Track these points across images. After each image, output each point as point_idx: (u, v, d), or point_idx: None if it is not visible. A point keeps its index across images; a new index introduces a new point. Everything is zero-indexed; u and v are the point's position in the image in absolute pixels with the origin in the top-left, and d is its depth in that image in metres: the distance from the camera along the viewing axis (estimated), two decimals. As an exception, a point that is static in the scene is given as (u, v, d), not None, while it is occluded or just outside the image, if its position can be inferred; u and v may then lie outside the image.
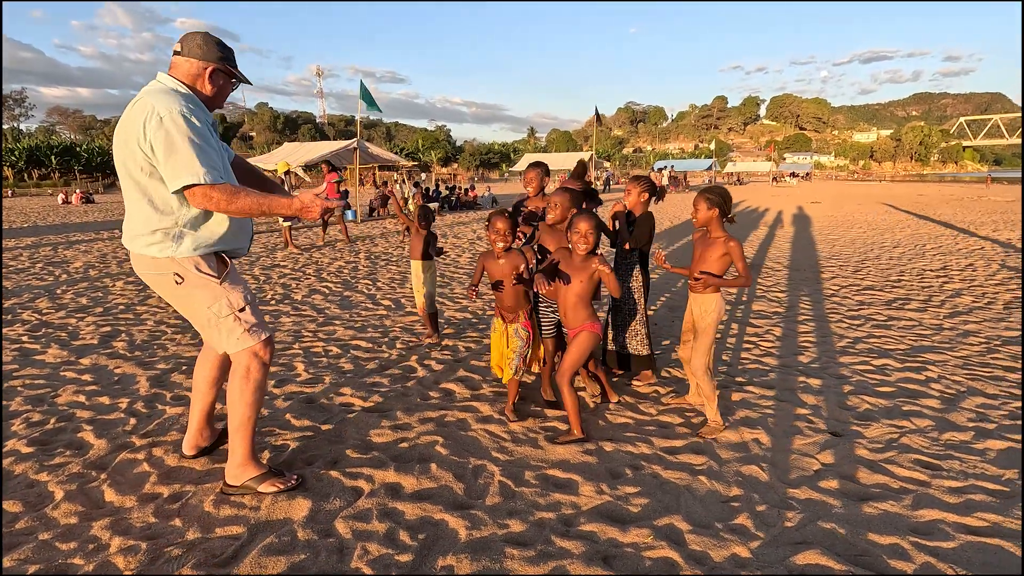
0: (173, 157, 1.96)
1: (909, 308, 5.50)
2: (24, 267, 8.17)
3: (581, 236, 2.71)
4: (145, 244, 2.11)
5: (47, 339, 4.55)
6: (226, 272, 2.22)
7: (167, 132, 1.95)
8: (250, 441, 2.33)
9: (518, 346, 2.97)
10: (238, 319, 2.22)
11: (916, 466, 2.59)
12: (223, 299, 2.19)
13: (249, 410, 2.30)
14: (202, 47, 2.14)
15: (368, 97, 13.90)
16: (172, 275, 2.14)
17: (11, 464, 2.57)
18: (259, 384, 2.31)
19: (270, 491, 2.30)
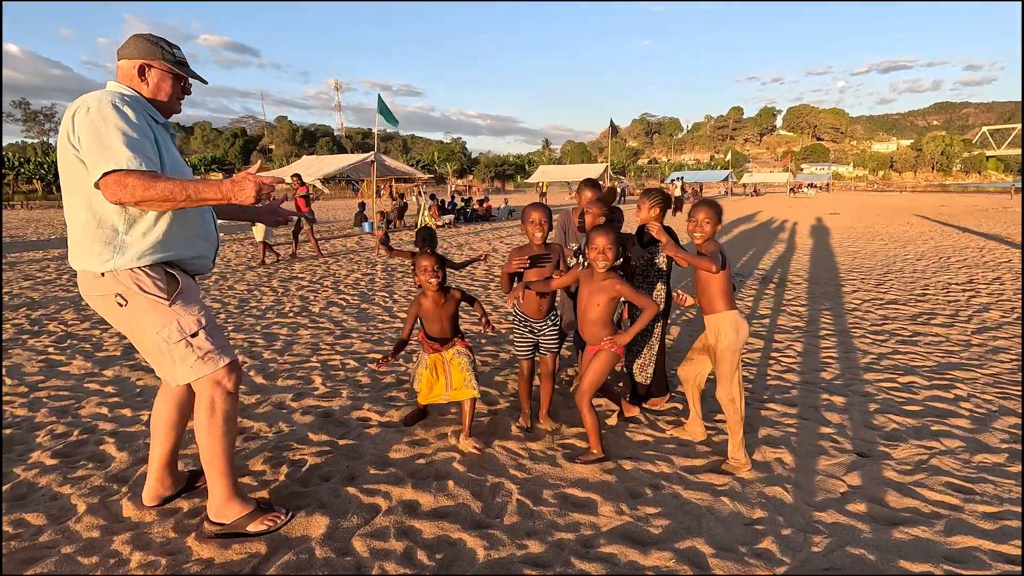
0: (96, 144, 1.77)
1: (935, 323, 5.37)
2: (51, 279, 8.36)
3: (599, 252, 2.62)
4: (84, 256, 1.93)
5: (72, 350, 4.64)
6: (177, 291, 2.00)
7: (92, 121, 1.80)
8: (229, 476, 2.13)
9: (466, 364, 2.90)
10: (190, 345, 2.00)
11: (948, 489, 2.50)
12: (173, 323, 1.98)
13: (220, 446, 2.09)
14: (133, 46, 2.03)
15: (386, 111, 14.07)
16: (115, 296, 1.94)
17: (36, 476, 2.61)
18: (227, 416, 2.09)
19: (259, 530, 2.13)
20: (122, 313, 1.97)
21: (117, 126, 1.80)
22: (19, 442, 2.99)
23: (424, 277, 2.83)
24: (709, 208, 2.69)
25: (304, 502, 2.40)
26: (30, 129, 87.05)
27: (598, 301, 2.69)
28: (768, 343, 4.78)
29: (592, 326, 2.73)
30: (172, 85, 2.10)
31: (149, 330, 1.98)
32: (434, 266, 2.84)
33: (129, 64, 2.03)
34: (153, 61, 2.04)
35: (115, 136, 1.78)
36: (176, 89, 2.12)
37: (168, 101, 2.10)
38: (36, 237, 15.52)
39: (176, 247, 2.02)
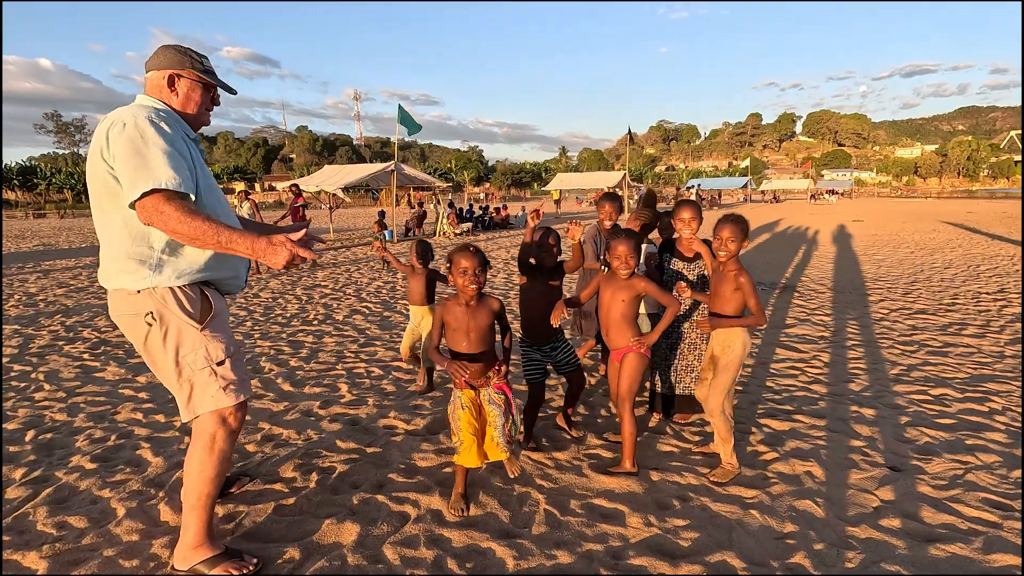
0: (133, 162, 1.70)
1: (966, 334, 5.26)
2: (83, 286, 8.61)
3: (622, 261, 2.62)
4: (118, 273, 1.86)
5: (106, 356, 4.77)
6: (210, 317, 1.94)
7: (129, 137, 1.73)
8: (207, 520, 2.00)
9: (497, 418, 2.39)
10: (214, 373, 1.92)
11: (985, 505, 2.45)
12: (201, 349, 1.90)
13: (209, 486, 1.97)
14: (162, 56, 1.97)
15: (407, 119, 14.26)
16: (146, 315, 1.86)
17: (76, 480, 2.69)
18: (224, 456, 1.98)
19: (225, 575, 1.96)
20: (151, 334, 1.88)
21: (156, 143, 1.74)
22: (60, 446, 3.09)
23: (463, 281, 2.37)
24: (734, 225, 2.64)
25: (334, 509, 2.44)
26: (61, 140, 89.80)
27: (622, 297, 2.67)
28: (794, 353, 4.72)
29: (616, 327, 2.70)
30: (202, 95, 2.04)
31: (172, 353, 1.89)
32: (476, 268, 2.36)
33: (158, 75, 1.97)
34: (183, 71, 1.98)
35: (155, 154, 1.72)
36: (205, 99, 2.06)
37: (198, 112, 2.05)
38: (68, 245, 16.00)
39: (213, 267, 1.95)
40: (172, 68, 1.97)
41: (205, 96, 2.06)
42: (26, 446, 3.08)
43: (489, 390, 2.43)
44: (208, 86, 2.06)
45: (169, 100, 1.98)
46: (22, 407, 3.64)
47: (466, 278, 2.36)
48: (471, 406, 2.38)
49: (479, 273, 2.36)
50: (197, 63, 2.02)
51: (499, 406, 2.40)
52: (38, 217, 38.29)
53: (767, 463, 2.86)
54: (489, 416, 2.40)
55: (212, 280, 1.99)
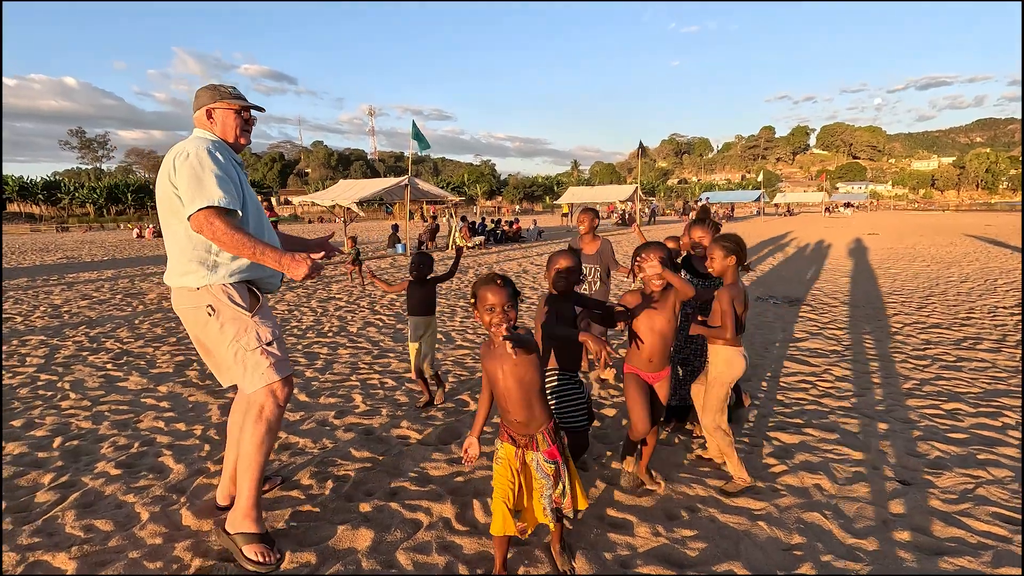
0: (193, 184, 2.05)
1: (981, 348, 5.21)
2: (106, 298, 8.83)
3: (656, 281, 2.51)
4: (182, 274, 2.18)
5: (128, 367, 4.91)
6: (258, 306, 2.26)
7: (191, 164, 2.07)
8: (255, 490, 2.23)
9: (545, 488, 1.99)
10: (265, 352, 2.22)
11: (995, 520, 2.45)
12: (252, 331, 2.21)
13: (257, 453, 2.21)
14: (199, 97, 2.32)
15: (419, 136, 14.51)
16: (206, 307, 2.19)
17: (102, 485, 2.79)
18: (271, 426, 2.24)
19: (250, 557, 2.14)
20: (210, 322, 2.19)
21: (211, 169, 2.08)
22: (85, 452, 3.20)
23: (489, 319, 1.90)
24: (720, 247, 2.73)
25: (349, 516, 2.50)
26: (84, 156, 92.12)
27: (666, 317, 2.53)
28: (805, 367, 4.72)
29: (661, 352, 2.56)
30: (235, 119, 2.33)
31: (229, 337, 2.19)
32: (504, 303, 1.89)
33: (200, 112, 2.32)
34: (214, 103, 2.30)
35: (209, 177, 2.06)
36: (239, 122, 2.35)
37: (235, 136, 2.35)
38: (90, 259, 16.39)
39: (256, 269, 2.26)
40: (206, 104, 2.31)
41: (237, 120, 2.35)
42: (54, 452, 3.19)
43: (539, 455, 1.97)
44: (238, 110, 2.34)
45: (212, 130, 2.33)
46: (49, 415, 3.77)
47: (493, 315, 1.90)
48: (509, 460, 1.99)
49: (509, 309, 1.91)
50: (225, 93, 2.33)
51: (549, 477, 1.98)
52: (61, 231, 39.22)
53: (776, 475, 2.87)
54: (536, 483, 2.01)
55: (254, 279, 2.30)
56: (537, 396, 1.96)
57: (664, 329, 2.53)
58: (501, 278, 1.95)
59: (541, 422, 1.98)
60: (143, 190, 56.33)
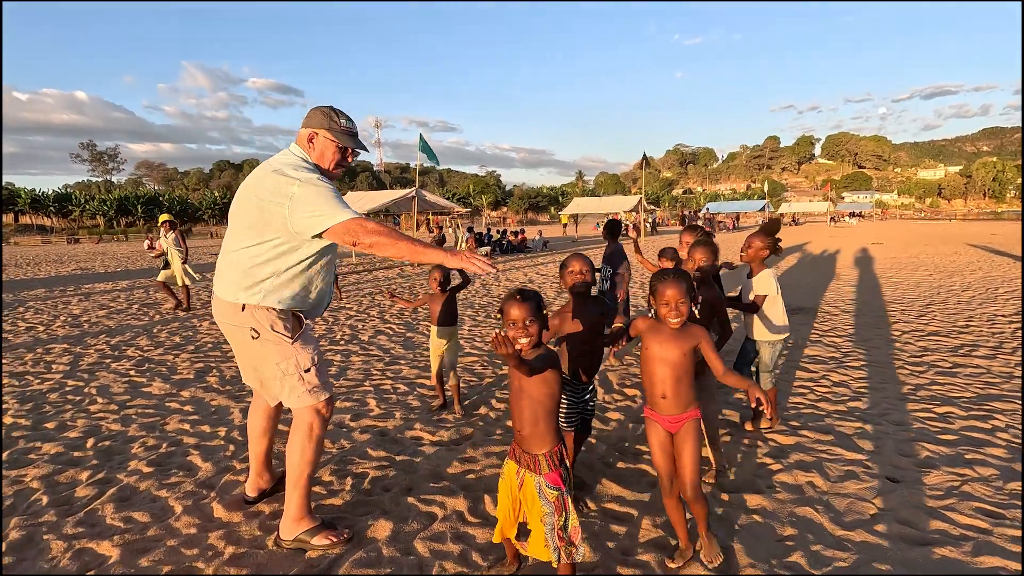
0: (323, 202, 2.12)
1: (977, 355, 5.34)
2: (123, 308, 9.08)
3: (671, 308, 2.12)
4: (234, 289, 2.25)
5: (151, 373, 5.11)
6: (300, 332, 2.32)
7: (314, 187, 2.15)
8: (306, 497, 2.39)
9: (546, 516, 1.93)
10: (302, 379, 2.30)
11: (978, 514, 2.59)
12: (292, 358, 2.29)
13: (308, 467, 2.36)
14: (311, 116, 2.36)
15: (427, 149, 14.81)
16: (249, 330, 2.25)
17: (136, 481, 2.98)
18: (319, 441, 2.38)
19: (323, 543, 2.32)
20: (252, 344, 2.29)
21: (330, 191, 2.18)
22: (117, 452, 3.39)
23: (513, 334, 1.93)
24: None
25: (368, 509, 2.68)
26: (95, 169, 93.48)
27: (681, 351, 2.15)
28: (804, 373, 4.87)
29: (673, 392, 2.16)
30: (334, 152, 2.38)
31: (271, 360, 2.30)
32: (526, 318, 1.91)
33: (304, 132, 2.37)
34: (319, 130, 2.34)
35: (332, 198, 2.15)
36: (338, 156, 2.40)
37: (328, 166, 2.39)
38: (103, 269, 16.72)
39: (302, 301, 2.34)
40: (312, 127, 2.36)
41: (337, 153, 2.40)
42: (88, 452, 3.39)
43: (541, 479, 1.93)
44: (342, 146, 2.39)
45: (309, 153, 2.38)
46: (80, 418, 3.97)
47: (515, 330, 1.92)
48: (510, 478, 2.02)
49: (529, 324, 1.91)
50: (336, 125, 2.36)
51: (551, 503, 1.92)
52: (72, 242, 39.81)
53: (772, 473, 3.03)
54: (536, 510, 1.94)
55: (300, 308, 2.37)
56: (546, 415, 1.94)
57: (676, 360, 2.15)
58: (522, 293, 1.95)
59: (546, 444, 1.94)
60: (152, 202, 57.13)
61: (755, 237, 3.57)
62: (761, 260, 3.57)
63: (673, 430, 2.19)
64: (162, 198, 58.67)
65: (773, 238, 3.58)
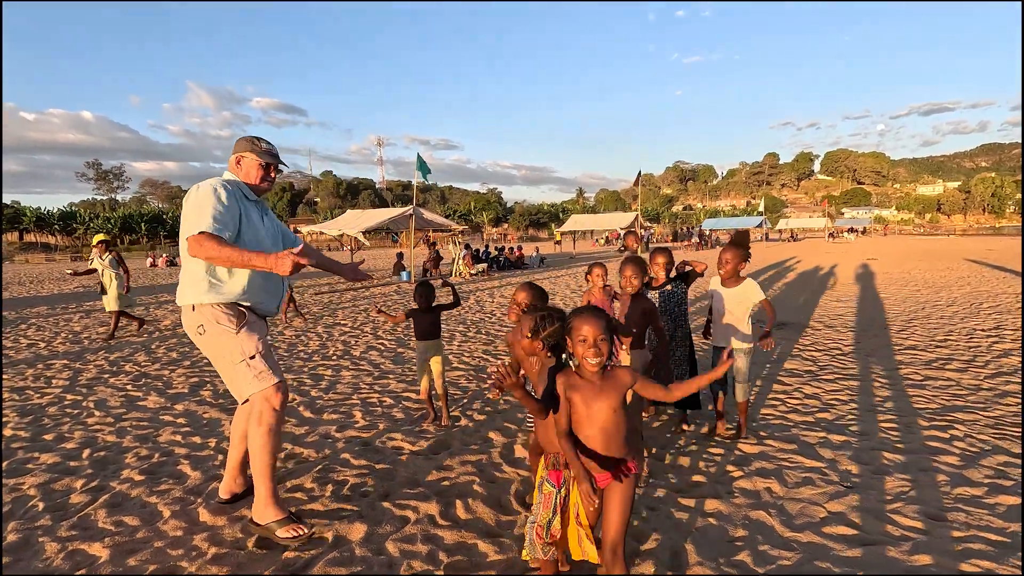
0: (193, 213, 2.41)
1: (949, 368, 5.49)
2: (122, 325, 9.26)
3: (589, 345, 1.89)
4: (182, 293, 2.54)
5: (147, 387, 5.28)
6: (243, 322, 2.55)
7: (197, 197, 2.46)
8: (270, 483, 2.56)
9: (535, 506, 2.05)
10: (248, 365, 2.52)
11: (921, 516, 2.73)
12: (237, 347, 2.52)
13: (268, 457, 2.54)
14: (238, 144, 2.73)
15: (423, 166, 15.14)
16: (198, 326, 2.51)
17: (128, 488, 3.14)
18: (271, 428, 2.53)
19: (287, 535, 2.49)
20: (203, 339, 2.55)
21: (210, 202, 2.44)
22: (112, 462, 3.55)
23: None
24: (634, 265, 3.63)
25: (345, 513, 2.83)
26: (100, 187, 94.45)
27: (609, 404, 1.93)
28: (777, 385, 5.02)
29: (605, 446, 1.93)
30: (258, 169, 2.74)
31: (222, 352, 2.54)
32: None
33: (232, 157, 2.76)
34: (245, 153, 2.72)
35: (207, 208, 2.42)
36: (261, 172, 2.76)
37: (255, 180, 2.75)
38: (106, 287, 16.91)
39: (246, 295, 2.58)
40: (239, 152, 2.74)
41: (261, 170, 2.77)
42: (84, 462, 3.55)
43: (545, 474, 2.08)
44: (262, 163, 2.76)
45: (237, 173, 2.76)
46: (77, 430, 4.14)
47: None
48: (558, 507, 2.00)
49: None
50: (258, 147, 2.74)
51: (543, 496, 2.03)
52: (75, 260, 40.17)
53: (733, 479, 3.18)
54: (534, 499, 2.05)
55: (248, 305, 2.62)
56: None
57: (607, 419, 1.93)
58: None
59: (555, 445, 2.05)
60: (156, 220, 57.72)
61: (727, 251, 3.75)
62: (738, 272, 3.76)
63: (602, 485, 1.96)
64: (165, 216, 59.24)
65: (744, 249, 3.77)
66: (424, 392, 4.20)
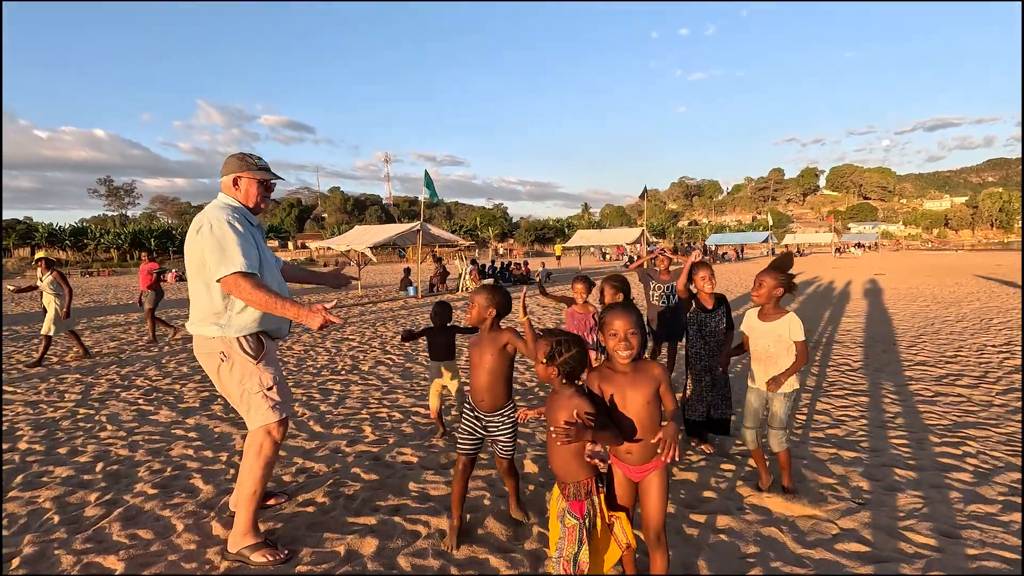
0: (218, 253, 2.37)
1: (960, 384, 5.46)
2: (133, 339, 9.36)
3: (620, 339, 2.02)
4: (200, 325, 2.52)
5: (158, 402, 5.33)
6: (263, 354, 2.57)
7: (216, 235, 2.40)
8: (253, 513, 2.57)
9: (560, 541, 1.99)
10: (265, 396, 2.54)
11: (934, 534, 2.72)
12: (256, 377, 2.53)
13: (257, 484, 2.55)
14: (227, 164, 2.65)
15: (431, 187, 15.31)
16: (219, 353, 2.50)
17: (141, 502, 3.17)
18: (268, 460, 2.57)
19: (260, 561, 2.48)
20: (222, 367, 2.53)
21: (233, 239, 2.41)
22: (124, 476, 3.58)
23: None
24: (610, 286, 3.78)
25: (357, 528, 2.84)
26: (111, 203, 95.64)
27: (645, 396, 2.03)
28: (787, 402, 5.00)
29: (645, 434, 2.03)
30: (257, 188, 2.68)
31: (237, 380, 2.54)
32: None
33: (227, 179, 2.66)
34: (241, 173, 2.64)
35: (232, 246, 2.39)
36: (261, 190, 2.70)
37: (256, 202, 2.69)
38: (115, 302, 17.11)
39: (264, 323, 2.59)
40: (233, 172, 2.65)
41: (260, 188, 2.70)
42: (97, 475, 3.58)
43: (566, 505, 2.01)
44: (261, 180, 2.70)
45: (236, 196, 2.67)
46: (90, 444, 4.18)
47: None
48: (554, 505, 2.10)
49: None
50: (252, 165, 2.67)
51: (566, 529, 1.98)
52: (86, 275, 40.60)
53: (743, 496, 3.17)
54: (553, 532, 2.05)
55: (264, 330, 2.64)
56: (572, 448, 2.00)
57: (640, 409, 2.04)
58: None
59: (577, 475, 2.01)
60: (166, 235, 58.33)
61: (767, 275, 3.11)
62: (776, 300, 3.12)
63: (638, 479, 2.10)
64: (175, 232, 59.88)
65: (787, 275, 3.13)
66: (434, 412, 4.21)
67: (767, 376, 3.11)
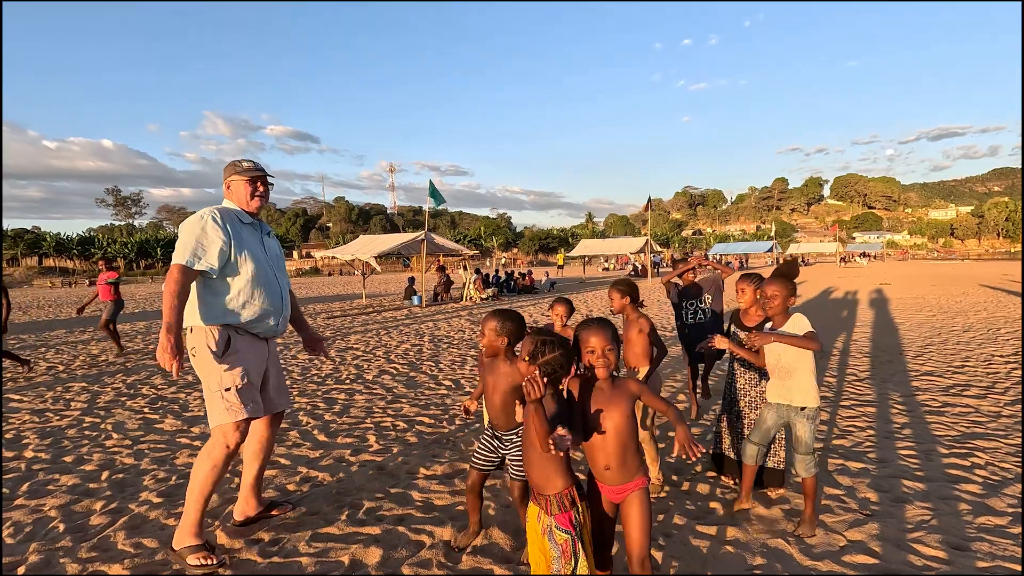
0: (177, 245, 2.51)
1: (967, 394, 5.42)
2: (139, 348, 9.40)
3: (597, 355, 1.99)
4: (185, 316, 2.52)
5: (164, 410, 5.35)
6: (227, 352, 2.54)
7: (189, 226, 2.52)
8: (199, 512, 2.56)
9: (554, 560, 1.90)
10: (222, 397, 2.52)
11: (943, 546, 2.69)
12: (216, 375, 2.52)
13: (205, 487, 2.54)
14: (223, 173, 2.79)
15: (436, 193, 15.38)
16: (191, 347, 2.54)
17: (147, 511, 3.18)
18: (216, 464, 2.54)
19: (194, 563, 2.50)
20: (195, 362, 2.58)
21: (194, 233, 2.49)
22: (130, 484, 3.59)
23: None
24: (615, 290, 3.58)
25: (362, 537, 2.84)
26: (119, 213, 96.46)
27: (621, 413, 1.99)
28: (793, 412, 4.97)
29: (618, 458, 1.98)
30: (246, 187, 2.74)
31: (202, 376, 2.58)
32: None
33: (223, 186, 2.82)
34: (231, 177, 2.75)
35: (192, 240, 2.48)
36: (250, 189, 2.74)
37: (246, 202, 2.75)
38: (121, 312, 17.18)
39: (238, 316, 2.59)
40: (226, 178, 2.78)
41: (249, 187, 2.76)
42: (103, 483, 3.59)
43: (552, 521, 1.92)
44: (247, 180, 2.75)
45: (231, 199, 2.79)
46: (96, 452, 4.19)
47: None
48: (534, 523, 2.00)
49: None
50: (238, 167, 2.76)
51: (558, 546, 1.89)
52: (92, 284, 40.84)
53: (749, 508, 3.14)
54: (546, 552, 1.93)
55: (239, 325, 2.60)
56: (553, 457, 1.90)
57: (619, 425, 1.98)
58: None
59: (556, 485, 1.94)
60: (171, 245, 58.68)
61: (777, 286, 2.97)
62: (786, 310, 3.03)
63: (618, 500, 2.03)
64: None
65: (793, 284, 3.04)
66: None
67: (785, 390, 2.97)
